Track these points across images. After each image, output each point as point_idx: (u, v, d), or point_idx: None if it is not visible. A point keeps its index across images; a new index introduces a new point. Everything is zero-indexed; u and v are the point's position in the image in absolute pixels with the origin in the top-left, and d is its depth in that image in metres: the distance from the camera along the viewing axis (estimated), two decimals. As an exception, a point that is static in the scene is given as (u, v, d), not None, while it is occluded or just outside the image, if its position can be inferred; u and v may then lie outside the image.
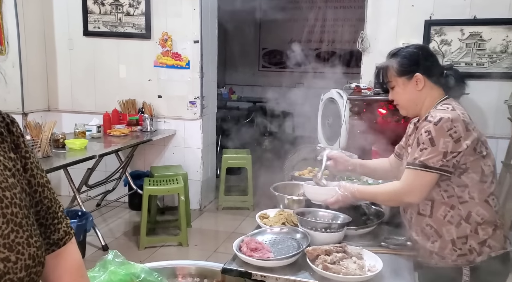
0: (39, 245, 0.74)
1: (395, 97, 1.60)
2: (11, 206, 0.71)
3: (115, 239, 3.58)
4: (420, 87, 1.53)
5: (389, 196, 1.53)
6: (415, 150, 1.45)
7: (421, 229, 1.51)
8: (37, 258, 0.72)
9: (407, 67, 1.53)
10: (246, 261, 1.39)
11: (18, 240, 0.70)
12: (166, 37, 4.07)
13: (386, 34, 3.48)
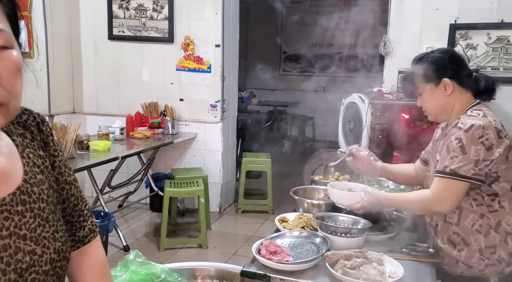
0: (64, 240, 0.77)
1: (423, 103, 1.57)
2: (39, 201, 0.73)
3: (136, 240, 3.63)
4: (449, 92, 1.50)
5: (419, 205, 1.49)
6: (445, 157, 1.41)
7: (447, 237, 1.48)
8: (62, 253, 0.75)
9: (434, 72, 1.50)
10: (265, 264, 1.39)
11: (44, 234, 0.73)
12: (189, 41, 4.12)
13: (410, 38, 3.43)
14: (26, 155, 0.75)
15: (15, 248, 0.67)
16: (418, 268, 1.41)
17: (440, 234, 1.51)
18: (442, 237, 1.50)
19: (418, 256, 1.49)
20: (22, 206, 0.70)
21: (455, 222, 1.45)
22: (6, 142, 0.73)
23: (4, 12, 0.64)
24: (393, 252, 1.49)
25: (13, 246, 0.67)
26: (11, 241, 0.67)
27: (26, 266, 0.68)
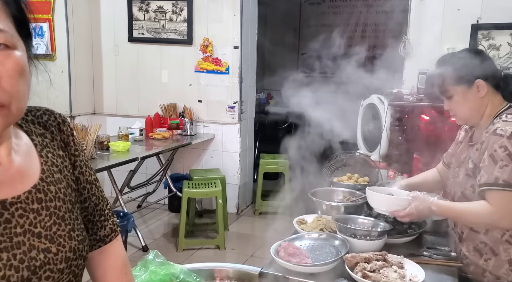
0: (81, 239, 0.77)
1: (454, 107, 1.48)
2: (55, 200, 0.74)
3: (154, 240, 3.67)
4: (483, 94, 1.43)
5: (480, 218, 1.37)
6: (493, 168, 1.32)
7: (473, 245, 1.43)
8: (78, 252, 0.75)
9: (466, 73, 1.43)
10: (283, 266, 1.38)
11: (60, 232, 0.73)
12: (207, 43, 4.15)
13: (430, 38, 3.38)
14: (44, 154, 0.76)
15: (29, 245, 0.68)
16: (440, 272, 1.39)
17: (466, 241, 1.45)
18: (468, 245, 1.45)
19: (439, 260, 1.46)
20: (38, 204, 0.71)
21: (483, 231, 1.40)
22: (25, 141, 0.74)
23: (7, 13, 0.64)
24: (414, 256, 1.47)
25: (27, 244, 0.68)
26: (25, 239, 0.67)
27: (40, 263, 0.68)
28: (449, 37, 3.32)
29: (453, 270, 1.41)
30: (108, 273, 0.87)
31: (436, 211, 1.43)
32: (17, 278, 0.64)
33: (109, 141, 3.38)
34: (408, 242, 1.58)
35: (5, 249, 0.64)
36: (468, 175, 1.45)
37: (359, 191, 1.91)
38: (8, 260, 0.64)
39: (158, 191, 4.28)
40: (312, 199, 1.86)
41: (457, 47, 3.26)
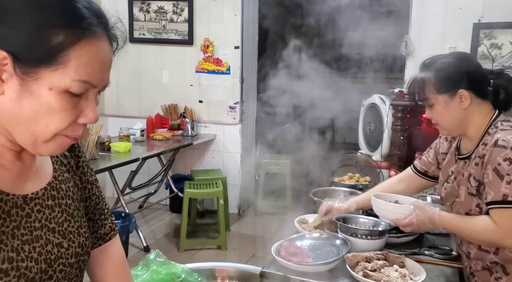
0: (87, 236, 0.81)
1: (435, 116, 1.37)
2: (66, 197, 0.78)
3: (156, 240, 3.67)
4: (466, 105, 1.31)
5: (483, 236, 1.28)
6: (499, 184, 1.22)
7: (482, 265, 1.35)
8: (85, 248, 0.80)
9: (448, 82, 1.31)
10: (284, 265, 1.38)
11: (70, 229, 0.77)
12: (208, 43, 4.15)
13: (432, 38, 3.37)
14: (54, 156, 0.80)
15: (45, 239, 0.71)
16: (441, 271, 1.38)
17: (474, 260, 1.37)
18: (476, 264, 1.37)
19: (440, 259, 1.46)
20: (52, 201, 0.75)
21: (493, 251, 1.31)
22: None
23: None
24: (415, 255, 1.47)
25: (44, 238, 0.71)
26: (42, 233, 0.71)
27: (54, 257, 0.72)
28: (450, 36, 3.31)
29: (454, 269, 1.41)
30: (108, 270, 0.90)
31: (438, 222, 1.36)
32: (36, 269, 0.68)
33: (110, 142, 3.38)
34: (409, 241, 1.58)
35: (26, 242, 0.68)
36: (472, 194, 1.34)
37: (360, 191, 1.91)
38: (29, 252, 0.68)
39: (159, 191, 4.28)
40: (313, 198, 1.86)
41: (458, 46, 3.26)
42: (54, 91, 0.62)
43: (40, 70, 0.61)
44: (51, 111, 0.63)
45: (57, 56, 0.61)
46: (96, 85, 0.67)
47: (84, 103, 0.66)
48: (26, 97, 0.62)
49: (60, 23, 0.61)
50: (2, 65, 0.61)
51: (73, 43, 0.61)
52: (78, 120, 0.66)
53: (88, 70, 0.64)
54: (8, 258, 0.65)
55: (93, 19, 0.64)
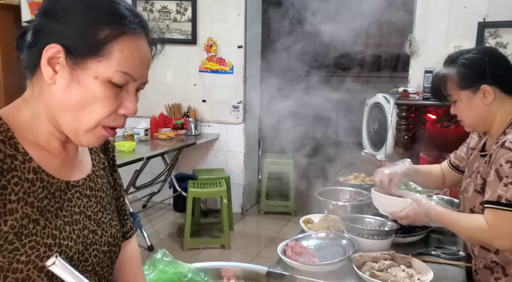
0: (118, 229, 0.89)
1: (458, 113, 1.36)
2: (101, 191, 0.86)
3: (160, 240, 3.67)
4: (489, 101, 1.29)
5: (474, 234, 1.29)
6: (497, 185, 1.21)
7: (484, 263, 1.36)
8: (116, 239, 0.87)
9: (470, 77, 1.30)
10: (291, 265, 1.38)
11: (103, 219, 0.84)
12: (211, 43, 4.15)
13: (436, 37, 3.36)
14: (93, 152, 0.89)
15: (83, 224, 0.79)
16: (448, 272, 1.38)
17: (478, 258, 1.38)
18: (479, 262, 1.38)
19: (447, 259, 1.45)
20: (90, 191, 0.83)
21: (494, 251, 1.31)
22: None
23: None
24: (422, 255, 1.46)
25: (82, 223, 0.79)
26: (80, 218, 0.79)
27: (90, 242, 0.79)
28: (455, 35, 3.30)
29: (461, 270, 1.40)
30: (125, 263, 0.97)
31: (433, 216, 1.36)
32: (75, 250, 0.75)
33: (114, 141, 3.38)
34: (416, 241, 1.57)
35: (67, 223, 0.76)
36: (477, 191, 1.34)
37: (366, 191, 1.90)
38: (69, 233, 0.75)
39: (163, 191, 4.28)
40: (319, 198, 1.85)
41: (463, 45, 3.24)
42: (99, 80, 0.70)
43: (88, 61, 0.70)
44: (95, 99, 0.71)
45: (102, 48, 0.69)
46: (135, 79, 0.74)
47: (125, 95, 0.74)
48: (74, 85, 0.70)
49: (105, 20, 0.70)
50: (56, 58, 0.70)
51: (116, 37, 0.70)
52: (118, 110, 0.74)
53: (129, 63, 0.72)
54: (52, 234, 0.72)
55: (133, 19, 0.73)
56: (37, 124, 0.75)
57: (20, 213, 0.69)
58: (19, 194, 0.69)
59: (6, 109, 0.75)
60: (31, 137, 0.74)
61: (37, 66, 0.72)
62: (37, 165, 0.73)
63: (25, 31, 0.74)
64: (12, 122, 0.73)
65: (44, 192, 0.73)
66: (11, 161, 0.70)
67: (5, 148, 0.70)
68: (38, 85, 0.74)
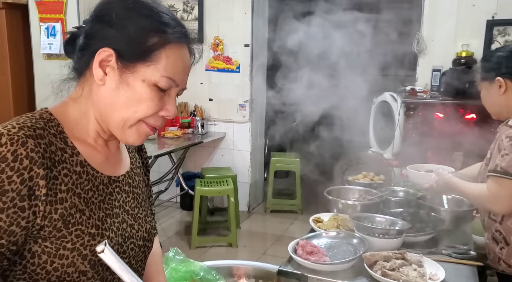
0: (153, 225, 0.93)
1: (482, 101, 1.59)
2: (137, 188, 0.91)
3: (167, 238, 3.69)
4: (502, 91, 1.48)
5: (479, 200, 1.52)
6: (496, 156, 1.41)
7: (491, 234, 1.49)
8: (151, 235, 0.90)
9: (488, 70, 1.51)
10: (302, 264, 1.39)
11: (139, 215, 0.89)
12: (218, 41, 4.15)
13: (444, 35, 3.35)
14: (130, 151, 0.95)
15: (122, 218, 0.83)
16: (459, 271, 1.38)
17: (486, 229, 1.53)
18: (488, 233, 1.52)
19: (458, 258, 1.45)
20: (128, 187, 0.87)
21: (499, 220, 1.46)
22: None
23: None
24: (432, 254, 1.47)
25: (121, 216, 0.83)
26: (119, 212, 0.83)
27: (127, 235, 0.83)
28: (463, 33, 3.28)
29: (473, 268, 1.40)
30: (149, 259, 0.97)
31: (450, 186, 1.61)
32: (115, 241, 0.79)
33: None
34: (426, 240, 1.57)
35: (109, 215, 0.80)
36: (487, 164, 1.52)
37: (375, 190, 1.90)
38: (110, 225, 0.79)
39: (170, 189, 4.29)
40: (328, 197, 1.86)
41: (471, 44, 3.23)
42: (146, 83, 0.75)
43: (137, 65, 0.75)
44: (141, 100, 0.76)
45: (151, 54, 0.75)
46: (178, 84, 0.79)
47: (167, 99, 0.79)
48: (123, 87, 0.75)
49: (155, 29, 0.75)
50: (107, 61, 0.75)
51: (164, 44, 0.75)
52: (160, 112, 0.78)
53: (174, 69, 0.77)
54: (95, 225, 0.77)
55: (179, 28, 0.79)
56: (85, 122, 0.80)
57: (69, 202, 0.73)
58: (68, 185, 0.74)
59: (56, 107, 0.81)
60: (78, 134, 0.80)
61: (87, 68, 0.77)
62: (83, 159, 0.78)
63: (74, 37, 0.79)
64: (61, 118, 0.78)
65: (89, 184, 0.78)
66: (61, 154, 0.75)
67: (56, 141, 0.75)
68: (87, 85, 0.79)
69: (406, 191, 1.91)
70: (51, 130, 0.75)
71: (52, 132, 0.75)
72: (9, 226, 0.67)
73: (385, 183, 2.04)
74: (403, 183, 2.04)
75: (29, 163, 0.68)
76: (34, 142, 0.69)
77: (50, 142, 0.73)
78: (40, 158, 0.69)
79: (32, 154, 0.68)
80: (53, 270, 0.72)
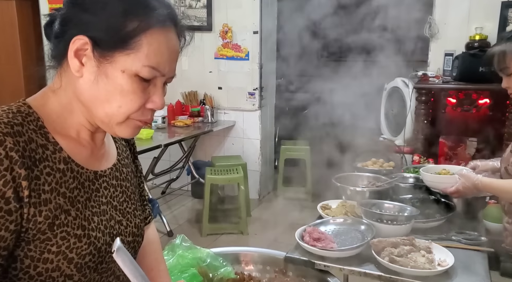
0: (142, 219, 0.89)
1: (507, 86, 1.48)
2: (126, 180, 0.86)
3: (179, 225, 3.72)
4: None
5: (509, 195, 1.45)
6: None
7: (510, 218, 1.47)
8: (140, 229, 0.87)
9: None
10: (309, 250, 1.38)
11: (128, 209, 0.84)
12: (227, 29, 4.12)
13: (457, 18, 3.27)
14: (117, 141, 0.89)
15: (109, 215, 0.79)
16: (469, 257, 1.36)
17: (507, 214, 1.51)
18: (508, 218, 1.50)
19: (468, 245, 1.43)
20: (115, 181, 0.82)
21: None
22: None
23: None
24: (442, 240, 1.45)
25: (109, 213, 0.79)
26: (107, 208, 0.79)
27: (116, 232, 0.79)
28: (477, 16, 3.20)
29: (483, 254, 1.38)
30: (146, 247, 0.97)
31: (481, 187, 1.49)
32: (103, 241, 0.75)
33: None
34: (436, 226, 1.55)
35: (96, 214, 0.76)
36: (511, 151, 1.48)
37: (385, 176, 1.88)
38: (98, 224, 0.75)
39: (181, 177, 4.33)
40: (336, 184, 1.84)
41: (485, 27, 3.15)
42: (126, 74, 0.69)
43: (116, 54, 0.68)
44: (123, 93, 0.69)
45: (130, 41, 0.68)
46: (163, 74, 0.72)
47: (152, 90, 0.72)
48: (102, 79, 0.69)
49: (134, 12, 0.68)
50: (83, 50, 0.68)
51: (145, 29, 0.68)
52: (146, 105, 0.72)
53: (158, 58, 0.70)
54: (81, 225, 0.72)
55: (162, 10, 0.70)
56: (67, 115, 0.74)
57: (54, 203, 0.69)
58: (51, 185, 0.69)
59: (34, 99, 0.74)
60: (60, 127, 0.74)
61: (64, 57, 0.71)
62: (67, 155, 0.73)
63: (52, 20, 0.72)
64: (41, 111, 0.72)
65: (74, 182, 0.73)
66: (43, 151, 0.69)
67: (36, 138, 0.69)
68: (66, 76, 0.73)
69: (416, 177, 1.88)
70: (30, 126, 0.69)
71: (32, 127, 0.69)
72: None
73: (394, 170, 2.01)
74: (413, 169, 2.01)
75: (10, 163, 0.63)
76: (13, 140, 0.64)
77: (30, 139, 0.67)
78: (20, 157, 0.64)
79: (12, 153, 0.63)
80: (37, 274, 0.67)
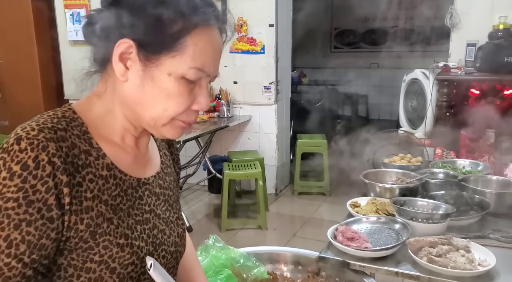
0: (184, 228, 0.86)
1: None
2: (168, 189, 0.84)
3: (197, 221, 3.72)
4: None
5: None
6: None
7: None
8: (182, 239, 0.84)
9: None
10: (342, 250, 1.35)
11: (171, 218, 0.82)
12: (242, 22, 4.08)
13: (480, 7, 3.18)
14: (161, 149, 0.87)
15: (152, 223, 0.77)
16: (510, 256, 1.32)
17: None
18: None
19: (508, 243, 1.39)
20: (159, 189, 0.80)
21: None
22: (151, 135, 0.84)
23: None
24: (479, 238, 1.41)
25: (152, 222, 0.77)
26: (150, 217, 0.76)
27: (159, 242, 0.77)
28: (500, 4, 3.11)
29: (523, 253, 1.34)
30: (184, 261, 0.94)
31: None
32: (146, 250, 0.73)
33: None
34: (470, 224, 1.51)
35: (139, 222, 0.74)
36: None
37: (413, 172, 1.84)
38: (140, 233, 0.73)
39: (198, 173, 4.32)
40: (365, 181, 1.81)
41: (509, 16, 3.07)
42: (173, 76, 0.67)
43: (161, 57, 0.67)
44: (170, 96, 0.68)
45: (176, 42, 0.66)
46: (209, 74, 0.70)
47: (198, 91, 0.71)
48: (148, 83, 0.68)
49: (179, 13, 0.66)
50: (127, 53, 0.67)
51: (189, 30, 0.66)
52: (192, 106, 0.71)
53: (203, 58, 0.68)
54: (124, 234, 0.70)
55: (206, 9, 0.68)
56: (111, 120, 0.73)
57: (95, 211, 0.67)
58: (94, 192, 0.67)
59: (79, 104, 0.74)
60: (105, 132, 0.73)
61: (108, 61, 0.69)
62: (110, 161, 0.71)
63: (91, 21, 0.70)
64: (86, 117, 0.71)
65: (117, 189, 0.71)
66: (86, 157, 0.68)
67: (80, 143, 0.68)
68: (110, 80, 0.71)
69: (446, 172, 1.84)
70: (74, 131, 0.68)
71: (76, 132, 0.68)
72: (38, 240, 0.61)
73: (422, 165, 1.98)
74: (441, 164, 1.97)
75: (52, 169, 0.62)
76: (56, 145, 0.63)
77: (73, 145, 0.66)
78: (62, 163, 0.63)
79: (54, 159, 0.62)
80: None
